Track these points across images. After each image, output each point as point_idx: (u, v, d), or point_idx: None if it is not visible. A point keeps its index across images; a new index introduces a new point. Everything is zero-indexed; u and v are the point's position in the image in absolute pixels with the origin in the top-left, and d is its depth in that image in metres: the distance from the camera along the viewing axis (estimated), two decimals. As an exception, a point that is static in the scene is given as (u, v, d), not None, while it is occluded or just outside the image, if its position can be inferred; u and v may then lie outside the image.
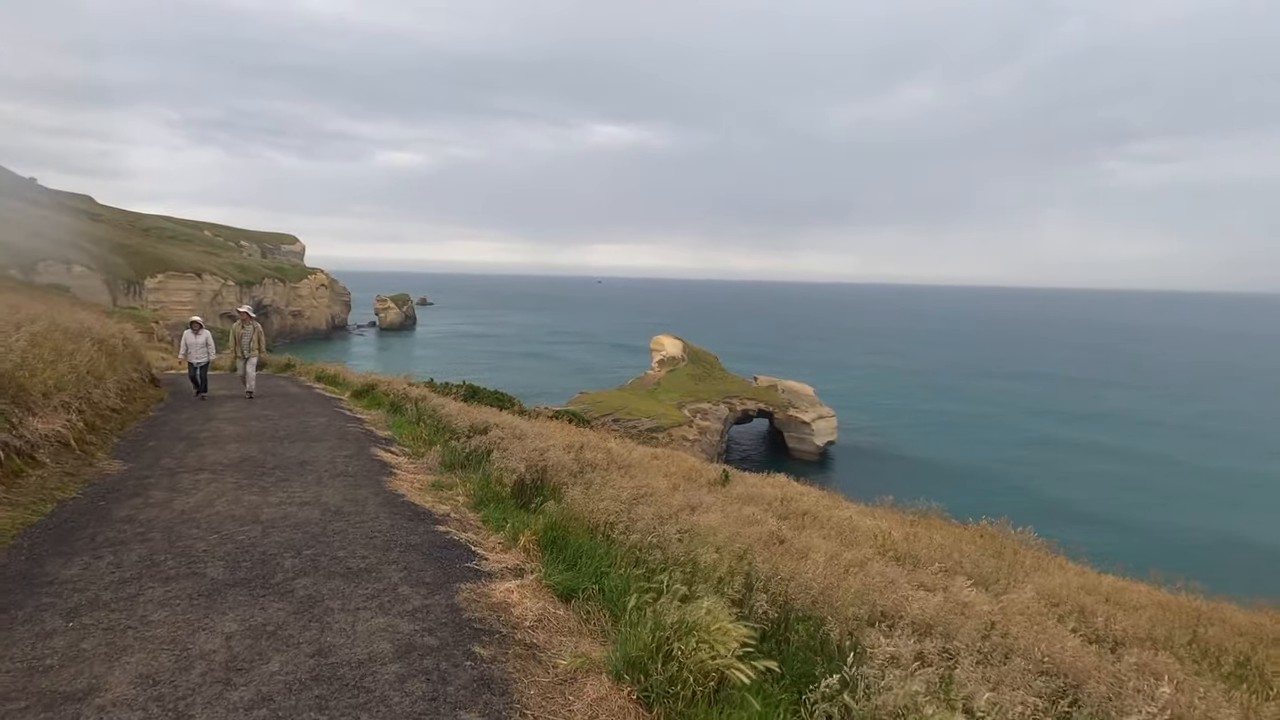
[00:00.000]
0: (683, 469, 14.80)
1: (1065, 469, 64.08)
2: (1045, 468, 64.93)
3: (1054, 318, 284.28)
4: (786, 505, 12.03)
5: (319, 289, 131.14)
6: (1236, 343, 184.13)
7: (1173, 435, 75.75)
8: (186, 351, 16.55)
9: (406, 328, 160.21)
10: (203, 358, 16.75)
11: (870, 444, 75.29)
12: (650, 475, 11.82)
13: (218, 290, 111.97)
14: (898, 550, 9.51)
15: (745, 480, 16.22)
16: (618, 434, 60.90)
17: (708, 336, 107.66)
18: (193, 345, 16.62)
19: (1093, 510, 51.95)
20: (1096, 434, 76.14)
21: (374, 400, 16.74)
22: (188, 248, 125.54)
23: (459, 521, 7.39)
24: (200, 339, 16.71)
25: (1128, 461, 65.53)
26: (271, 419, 13.06)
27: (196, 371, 16.69)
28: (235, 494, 7.71)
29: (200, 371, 16.73)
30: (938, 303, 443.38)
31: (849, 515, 11.92)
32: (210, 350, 16.97)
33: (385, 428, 13.14)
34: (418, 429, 12.66)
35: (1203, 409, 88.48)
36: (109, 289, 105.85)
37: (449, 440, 11.34)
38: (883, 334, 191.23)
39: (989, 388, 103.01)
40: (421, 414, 13.54)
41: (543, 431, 12.69)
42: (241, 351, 17.18)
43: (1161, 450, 69.29)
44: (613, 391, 77.74)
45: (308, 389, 19.24)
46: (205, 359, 16.81)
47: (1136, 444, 71.64)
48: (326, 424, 12.76)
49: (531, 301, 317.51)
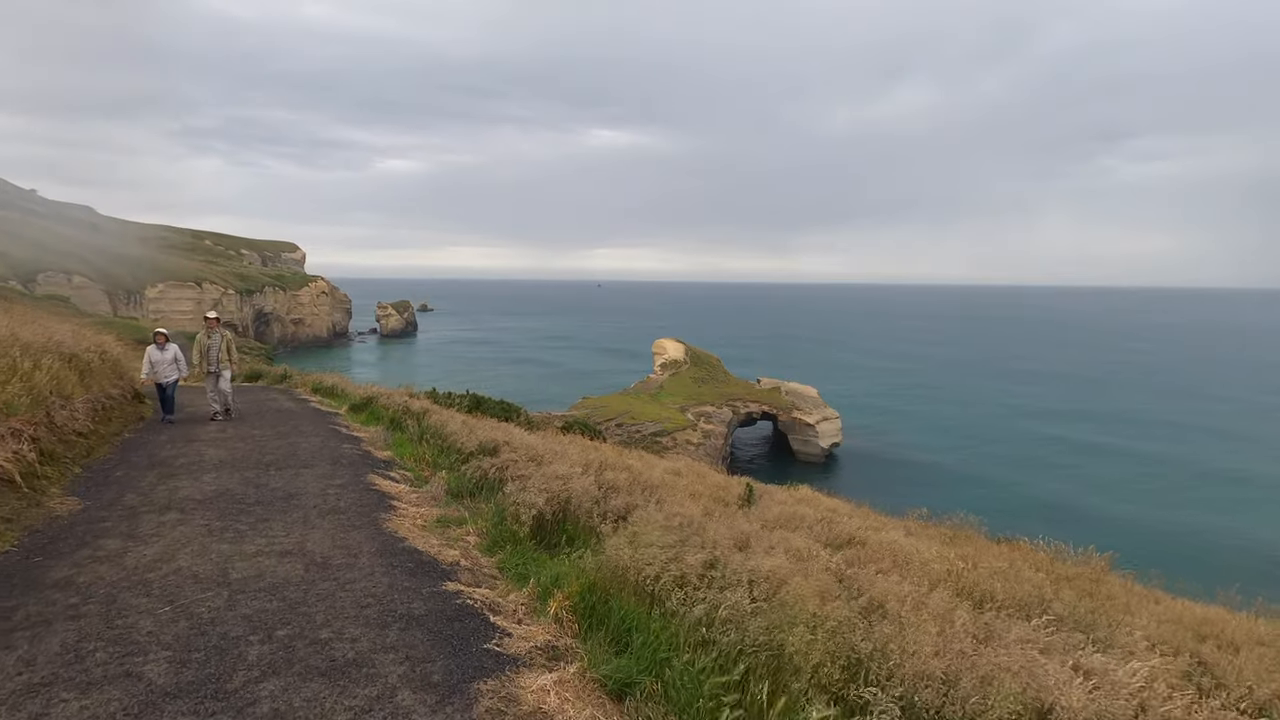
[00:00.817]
0: (708, 486, 13.48)
1: (1067, 468, 62.89)
2: (1048, 466, 63.74)
3: (1054, 316, 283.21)
4: (829, 529, 10.71)
5: (320, 296, 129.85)
6: (1248, 338, 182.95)
7: (1181, 434, 74.52)
8: (151, 370, 14.25)
9: (408, 334, 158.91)
10: (171, 375, 14.41)
11: (875, 446, 74.02)
12: (679, 498, 10.53)
13: (218, 299, 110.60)
14: (972, 588, 8.20)
15: (773, 497, 14.90)
16: (620, 440, 59.55)
17: (709, 339, 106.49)
18: (159, 362, 14.31)
19: (1103, 511, 50.69)
20: (1100, 434, 74.93)
21: (373, 415, 15.40)
22: (188, 257, 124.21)
23: (471, 572, 6.07)
24: (167, 354, 14.42)
25: (1136, 462, 64.26)
26: (259, 440, 11.71)
27: (167, 391, 14.33)
28: (204, 542, 6.37)
29: (169, 390, 14.41)
30: (937, 302, 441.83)
31: (898, 540, 10.61)
32: (181, 367, 14.62)
33: (384, 447, 11.80)
34: (420, 449, 11.34)
35: (1207, 406, 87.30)
36: (109, 299, 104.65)
37: (455, 462, 10.05)
38: (883, 335, 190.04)
39: (991, 387, 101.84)
40: (424, 431, 12.23)
41: (557, 449, 11.40)
42: (209, 364, 14.76)
43: (1169, 451, 68.03)
44: (615, 395, 76.45)
45: (303, 403, 17.89)
46: (174, 377, 14.47)
47: (1142, 444, 70.40)
48: (320, 445, 11.42)
49: (532, 306, 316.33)
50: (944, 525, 16.03)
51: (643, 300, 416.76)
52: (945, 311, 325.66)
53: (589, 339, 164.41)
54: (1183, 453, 67.13)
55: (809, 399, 75.52)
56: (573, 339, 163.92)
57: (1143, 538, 43.90)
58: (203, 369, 14.75)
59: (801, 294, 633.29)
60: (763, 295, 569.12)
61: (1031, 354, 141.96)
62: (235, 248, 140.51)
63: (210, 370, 14.75)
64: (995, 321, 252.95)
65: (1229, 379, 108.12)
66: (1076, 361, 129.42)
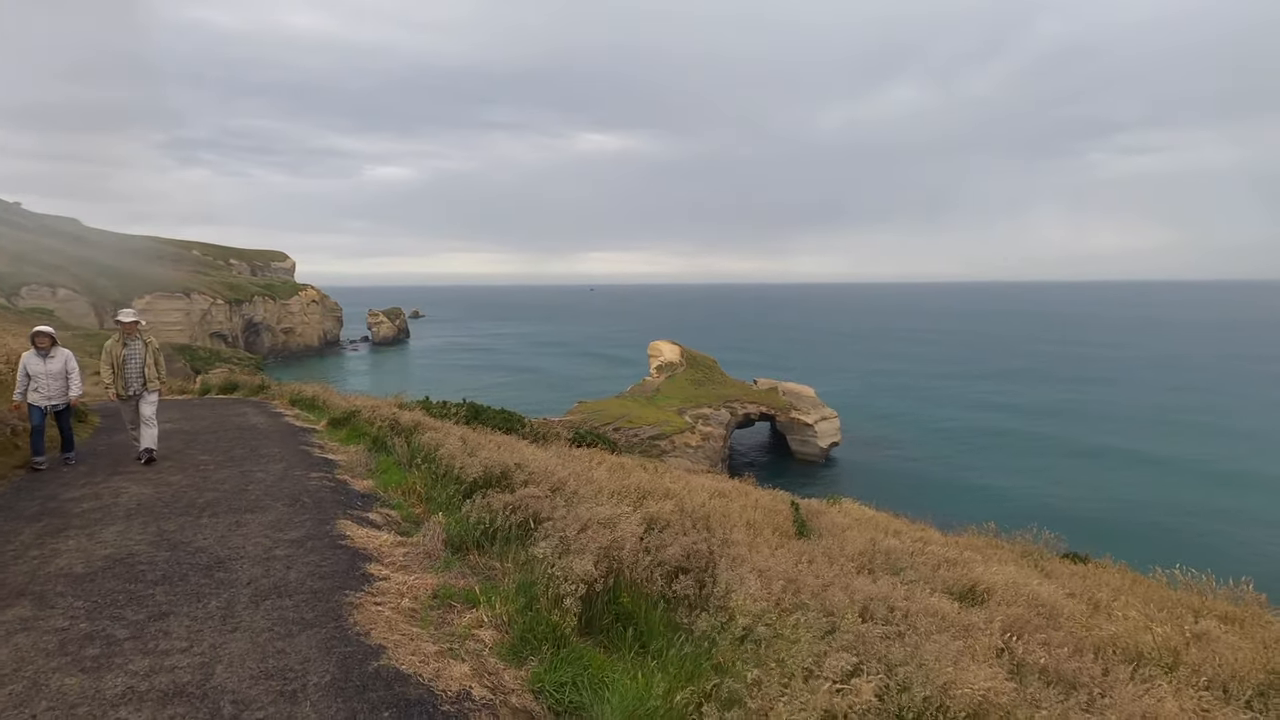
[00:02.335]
0: (763, 512, 10.88)
1: (1056, 466, 60.99)
2: (1039, 462, 61.94)
3: (1048, 313, 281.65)
4: (948, 572, 8.17)
5: (310, 305, 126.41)
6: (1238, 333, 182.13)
7: (1179, 434, 72.73)
8: (29, 386, 9.29)
9: (400, 341, 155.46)
10: (55, 396, 9.47)
11: (873, 445, 71.81)
12: (744, 536, 7.99)
13: (206, 309, 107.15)
14: (1160, 651, 5.68)
15: (828, 519, 12.34)
16: (619, 445, 56.83)
17: (703, 341, 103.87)
18: (41, 376, 9.37)
19: (1110, 513, 48.54)
20: (1094, 433, 73.04)
21: (354, 431, 12.72)
22: (176, 267, 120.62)
23: (493, 713, 3.49)
24: (54, 364, 9.50)
25: (1140, 462, 62.26)
26: (204, 469, 8.97)
27: (42, 419, 9.38)
28: (38, 676, 3.69)
29: (59, 419, 9.75)
30: (932, 300, 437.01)
31: (1026, 583, 8.06)
32: (74, 384, 9.71)
33: (365, 474, 9.13)
34: (410, 477, 8.69)
35: (1202, 402, 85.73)
36: (95, 311, 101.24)
37: (455, 496, 7.44)
38: (879, 334, 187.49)
39: (986, 386, 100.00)
40: (415, 452, 9.60)
41: (581, 473, 8.85)
42: (125, 383, 10.02)
43: (1172, 451, 66.17)
44: (612, 399, 73.89)
45: (276, 417, 15.15)
46: (60, 399, 9.55)
47: (1144, 444, 68.51)
48: (281, 474, 8.70)
49: (525, 312, 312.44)
50: (1015, 541, 13.61)
51: (636, 303, 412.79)
52: (940, 309, 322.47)
53: (583, 343, 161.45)
54: (1193, 451, 65.31)
55: (806, 399, 73.36)
56: (567, 343, 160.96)
57: (1152, 535, 41.93)
58: (116, 390, 10.02)
59: (796, 294, 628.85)
60: (757, 296, 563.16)
61: (1026, 351, 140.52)
62: (224, 258, 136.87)
63: (129, 394, 10.05)
64: (989, 318, 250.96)
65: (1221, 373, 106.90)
66: (1072, 359, 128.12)
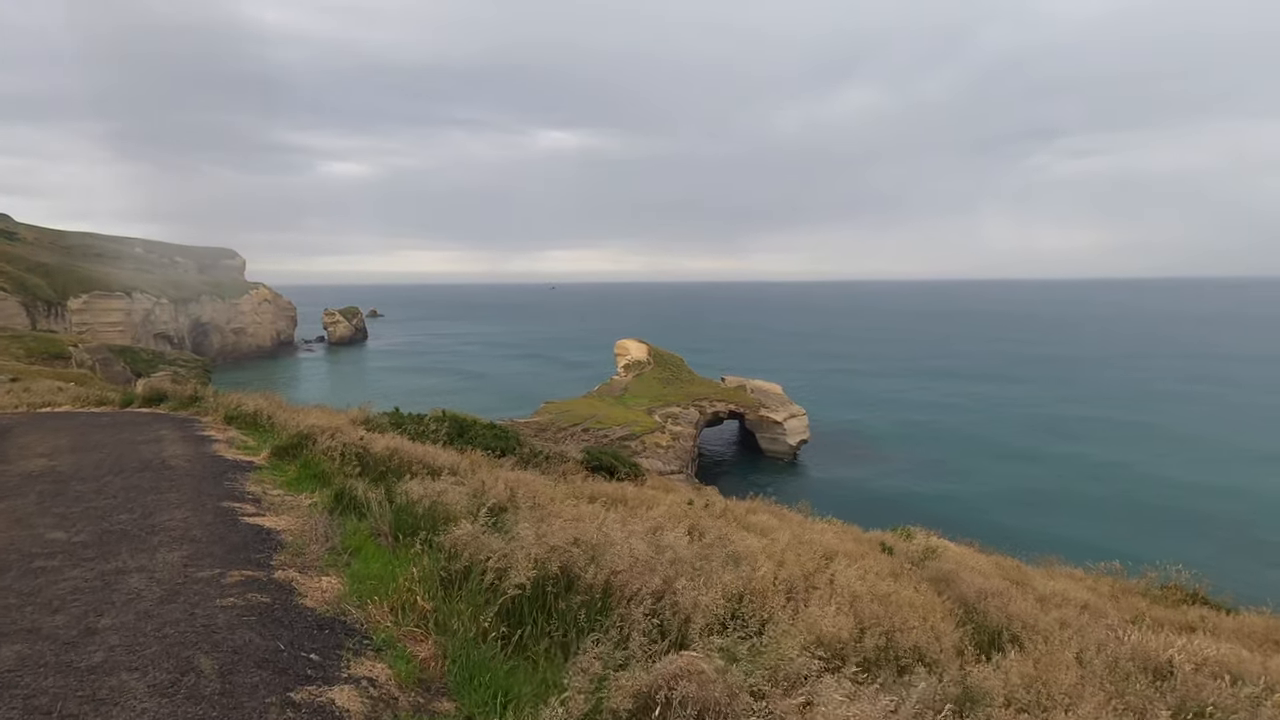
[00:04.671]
0: (852, 553, 7.62)
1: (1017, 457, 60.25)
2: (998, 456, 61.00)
3: (1000, 309, 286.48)
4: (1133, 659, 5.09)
5: (262, 304, 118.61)
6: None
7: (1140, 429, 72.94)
8: None
9: (357, 341, 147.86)
10: None
11: (838, 442, 69.91)
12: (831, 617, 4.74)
13: (150, 309, 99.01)
14: None
15: (925, 565, 9.22)
16: (587, 446, 53.18)
17: (667, 339, 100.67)
18: None
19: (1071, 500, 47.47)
20: (1054, 427, 72.77)
21: (307, 467, 8.98)
22: (116, 265, 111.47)
23: None
24: None
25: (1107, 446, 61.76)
26: (35, 569, 5.08)
27: None
28: None
29: None
30: (886, 298, 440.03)
31: None
32: None
33: (324, 563, 5.49)
34: (401, 572, 5.08)
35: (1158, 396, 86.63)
36: (27, 311, 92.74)
37: (494, 626, 3.90)
38: (837, 330, 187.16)
39: (943, 380, 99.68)
40: (402, 516, 6.03)
41: (686, 558, 5.41)
42: None
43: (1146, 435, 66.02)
44: (579, 399, 70.21)
45: (200, 443, 11.18)
46: None
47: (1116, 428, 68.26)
48: (174, 577, 4.75)
49: (485, 311, 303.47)
50: (1095, 573, 10.85)
51: (598, 301, 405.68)
52: (895, 306, 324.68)
53: (546, 342, 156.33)
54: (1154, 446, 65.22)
55: (774, 396, 71.05)
56: (530, 343, 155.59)
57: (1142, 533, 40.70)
58: None
59: (755, 292, 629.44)
60: (717, 294, 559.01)
61: (982, 346, 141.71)
62: (169, 255, 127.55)
63: None
64: (944, 315, 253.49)
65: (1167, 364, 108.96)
66: (1023, 357, 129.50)
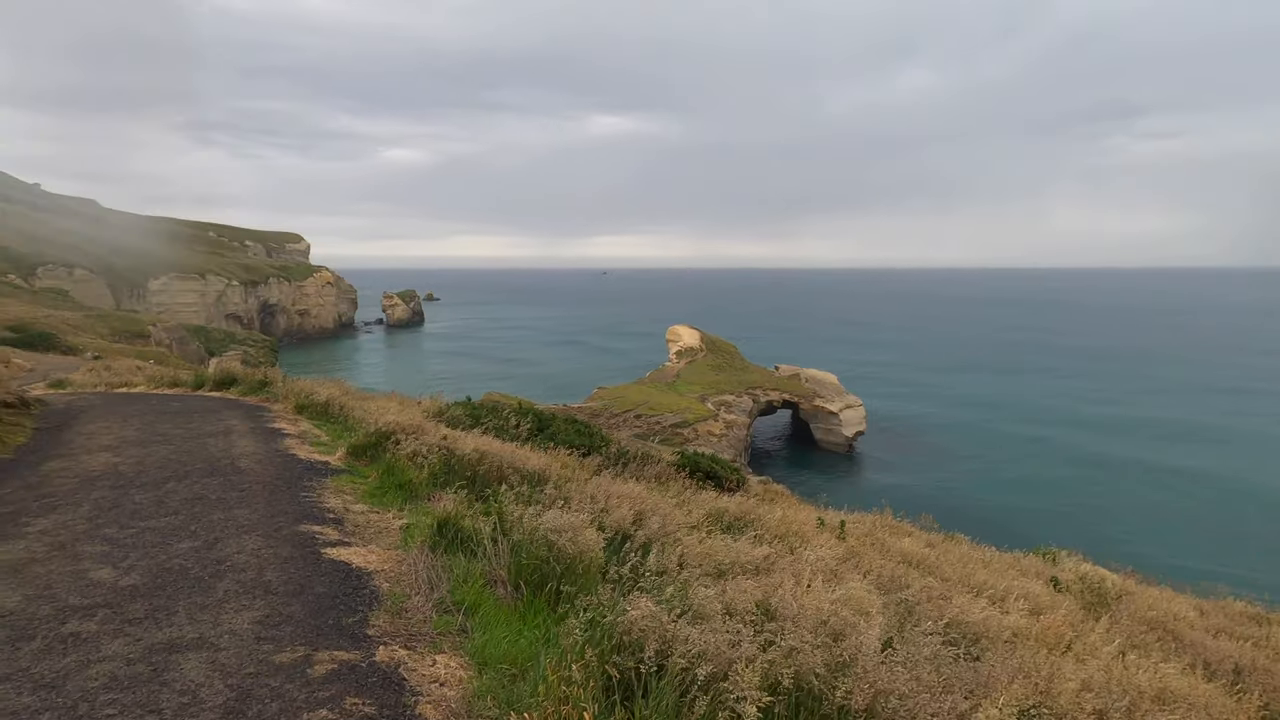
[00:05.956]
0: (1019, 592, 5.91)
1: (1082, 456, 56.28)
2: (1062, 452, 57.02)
3: (1070, 299, 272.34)
4: None
5: (325, 287, 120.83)
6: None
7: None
8: None
9: (414, 324, 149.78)
10: None
11: (896, 434, 66.76)
12: None
13: (222, 290, 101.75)
14: None
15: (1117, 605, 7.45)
16: (639, 433, 51.84)
17: (718, 326, 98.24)
18: None
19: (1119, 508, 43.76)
20: (1110, 423, 68.08)
21: (391, 474, 7.71)
22: (192, 249, 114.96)
23: None
24: None
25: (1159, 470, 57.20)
26: (64, 638, 3.77)
27: None
28: None
29: None
30: (945, 285, 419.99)
31: None
32: None
33: (438, 633, 4.04)
34: (535, 639, 3.65)
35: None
36: (112, 292, 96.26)
37: None
38: (894, 318, 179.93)
39: (1005, 375, 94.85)
40: (525, 563, 4.56)
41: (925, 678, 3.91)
42: None
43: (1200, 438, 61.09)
44: (631, 385, 68.74)
45: (271, 437, 10.10)
46: None
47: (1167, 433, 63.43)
48: (236, 681, 3.35)
49: (537, 295, 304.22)
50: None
51: (648, 287, 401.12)
52: (961, 295, 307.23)
53: (596, 327, 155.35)
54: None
55: (830, 386, 68.28)
56: (580, 328, 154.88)
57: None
58: None
59: (807, 278, 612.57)
60: (768, 281, 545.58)
61: (1044, 338, 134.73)
62: (240, 239, 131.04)
63: None
64: (1004, 304, 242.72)
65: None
66: (1087, 351, 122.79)
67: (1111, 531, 38.96)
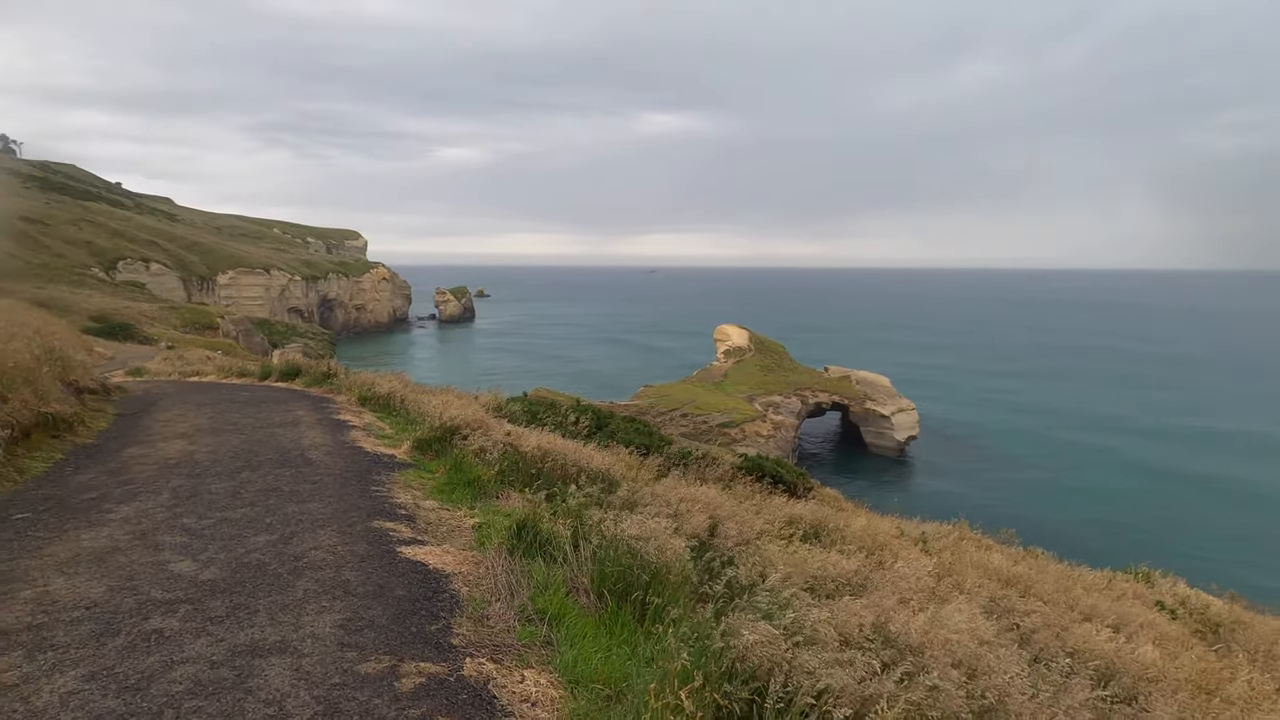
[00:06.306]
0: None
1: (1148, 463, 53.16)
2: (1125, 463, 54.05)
3: (1140, 301, 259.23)
4: None
5: (381, 283, 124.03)
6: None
7: None
8: None
9: (465, 320, 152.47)
10: None
11: (950, 441, 64.46)
12: None
13: (285, 285, 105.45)
14: None
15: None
16: (685, 431, 51.31)
17: (767, 326, 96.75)
18: None
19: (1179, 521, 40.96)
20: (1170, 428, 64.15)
21: (458, 473, 7.56)
22: (257, 245, 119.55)
23: None
24: None
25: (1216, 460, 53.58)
26: (144, 635, 3.72)
27: None
28: None
29: None
30: (1005, 287, 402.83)
31: None
32: None
33: (523, 644, 3.74)
34: (624, 654, 3.37)
35: None
36: (184, 286, 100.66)
37: None
38: (949, 320, 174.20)
39: (1070, 381, 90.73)
40: (607, 570, 4.32)
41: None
42: None
43: None
44: (678, 384, 68.21)
45: (338, 429, 10.14)
46: None
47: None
48: (323, 692, 3.17)
49: (585, 293, 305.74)
50: None
51: (697, 286, 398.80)
52: (1023, 297, 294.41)
53: (645, 325, 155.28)
54: None
55: (881, 389, 66.45)
56: (627, 326, 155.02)
57: None
58: None
59: (860, 279, 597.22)
60: (819, 280, 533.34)
61: (1111, 343, 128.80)
62: (302, 236, 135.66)
63: None
64: (1068, 306, 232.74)
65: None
66: (1157, 358, 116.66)
67: (1185, 548, 36.73)
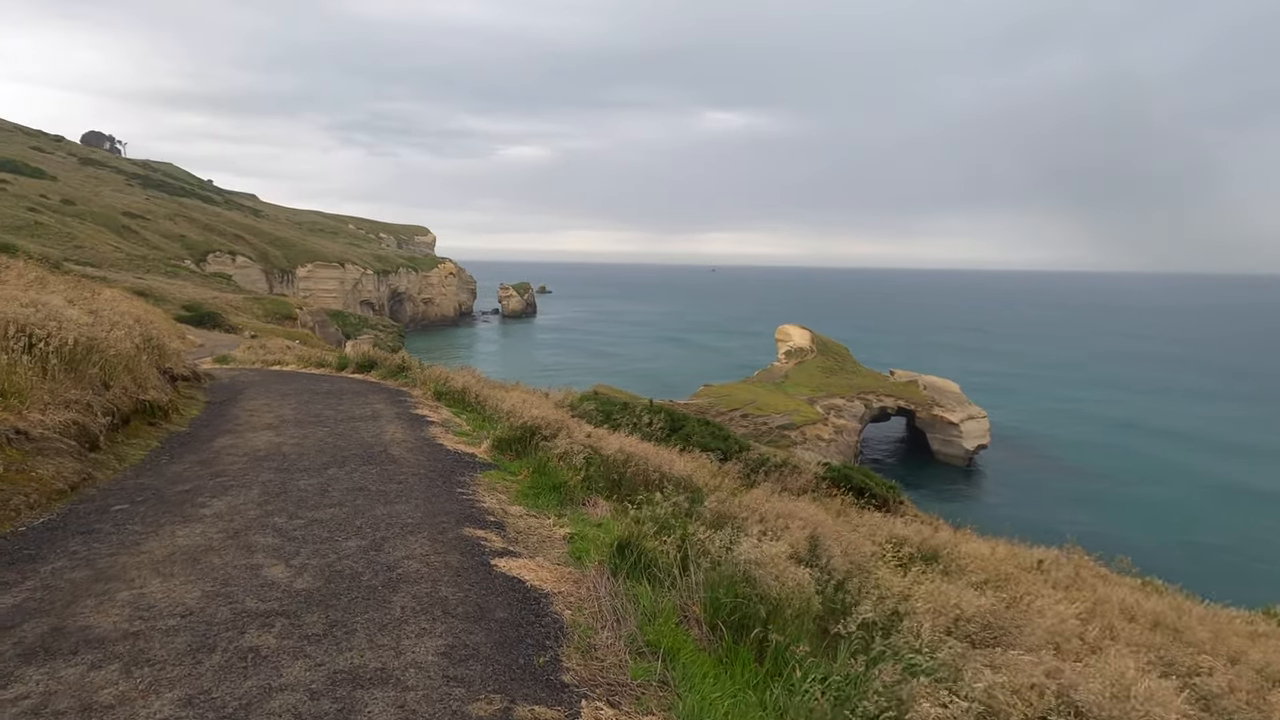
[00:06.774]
0: None
1: None
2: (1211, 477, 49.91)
3: (1237, 305, 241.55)
4: None
5: (448, 277, 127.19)
6: None
7: None
8: None
9: (527, 315, 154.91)
10: None
11: (1023, 452, 61.08)
12: None
13: (358, 279, 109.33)
14: None
15: None
16: (745, 432, 50.31)
17: (829, 326, 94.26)
18: None
19: None
20: None
21: (542, 476, 7.24)
22: (334, 240, 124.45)
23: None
24: None
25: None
26: (239, 649, 3.54)
27: None
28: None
29: None
30: (1084, 292, 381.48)
31: None
32: None
33: (638, 685, 3.27)
34: (755, 703, 2.94)
35: None
36: (266, 278, 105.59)
37: None
38: (1025, 325, 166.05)
39: (1159, 395, 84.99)
40: (720, 599, 3.87)
41: None
42: None
43: None
44: (739, 384, 67.19)
45: (417, 424, 10.03)
46: None
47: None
48: (435, 679, 3.14)
49: (645, 290, 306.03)
50: None
51: (758, 285, 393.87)
52: (1105, 303, 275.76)
53: (705, 323, 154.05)
54: None
55: (950, 395, 63.68)
56: (687, 324, 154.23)
57: None
58: None
59: (925, 280, 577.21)
60: (883, 281, 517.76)
61: (1211, 352, 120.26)
62: (375, 231, 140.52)
63: None
64: (1157, 313, 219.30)
65: None
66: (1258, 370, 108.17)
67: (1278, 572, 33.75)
